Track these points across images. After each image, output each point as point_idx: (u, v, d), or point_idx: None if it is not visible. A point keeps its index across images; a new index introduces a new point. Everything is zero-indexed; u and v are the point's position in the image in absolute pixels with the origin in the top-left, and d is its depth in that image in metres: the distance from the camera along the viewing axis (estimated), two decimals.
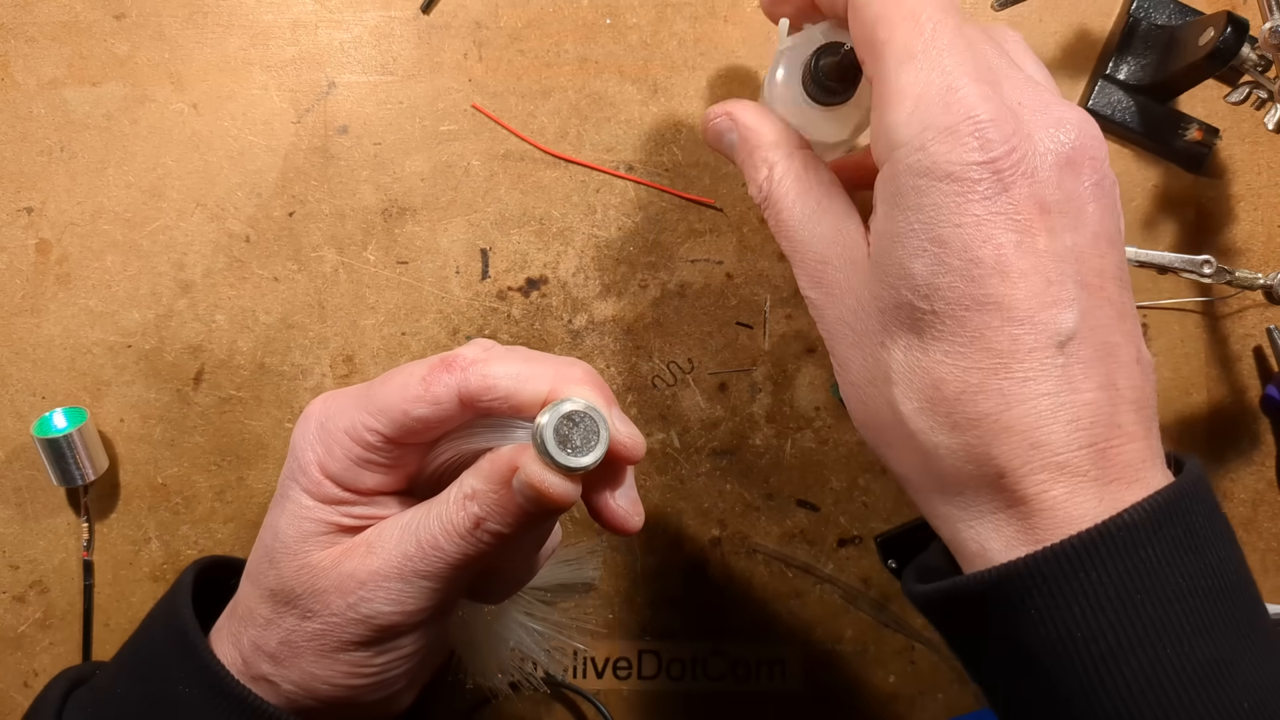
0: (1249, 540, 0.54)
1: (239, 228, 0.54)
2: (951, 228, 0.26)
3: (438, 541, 0.31)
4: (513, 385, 0.31)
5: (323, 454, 0.32)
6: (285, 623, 0.32)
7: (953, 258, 0.26)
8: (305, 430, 0.33)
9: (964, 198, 0.26)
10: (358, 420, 0.32)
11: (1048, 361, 0.26)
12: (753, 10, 0.55)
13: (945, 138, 0.26)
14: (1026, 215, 0.26)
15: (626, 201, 0.54)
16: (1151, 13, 0.54)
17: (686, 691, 0.54)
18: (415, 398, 0.31)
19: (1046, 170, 0.27)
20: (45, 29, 0.54)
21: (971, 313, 0.26)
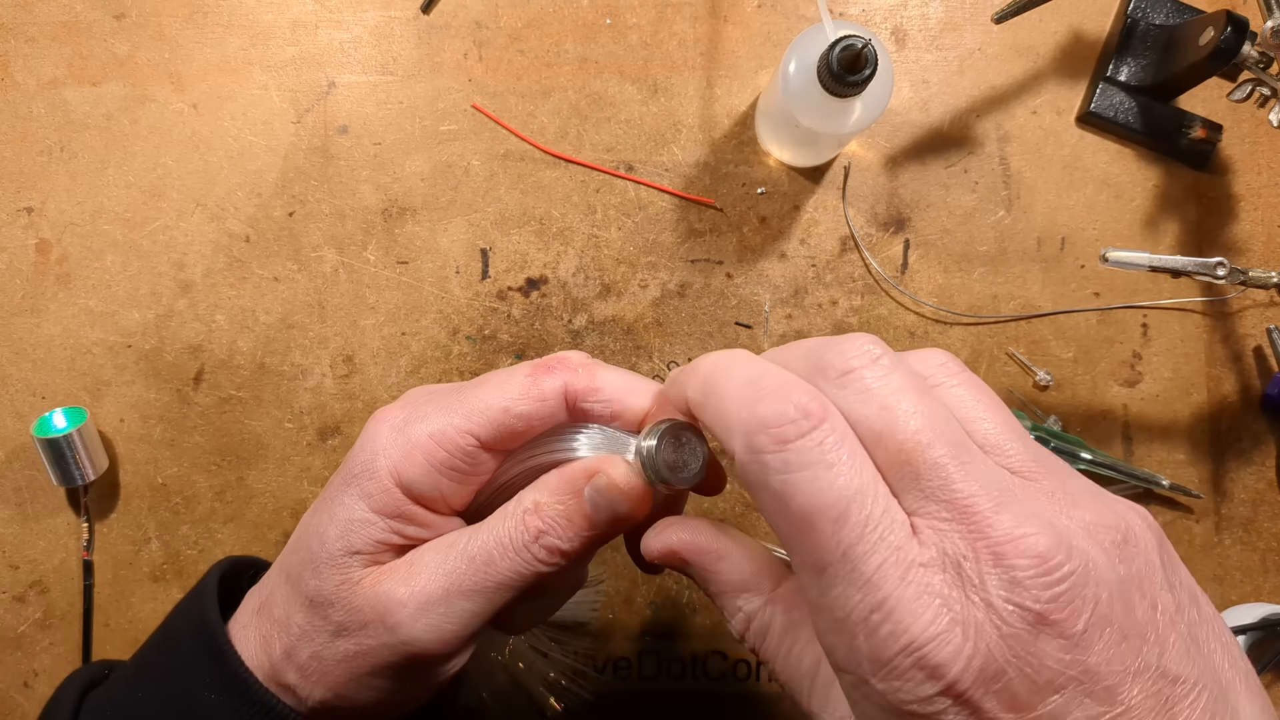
0: (1249, 540, 0.54)
1: (239, 228, 0.54)
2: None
3: (490, 557, 0.30)
4: (623, 395, 0.30)
5: (398, 460, 0.31)
6: (319, 636, 0.31)
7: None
8: (377, 437, 0.31)
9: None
10: (448, 424, 0.30)
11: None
12: (753, 10, 0.55)
13: (887, 675, 0.21)
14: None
15: (626, 201, 0.54)
16: (1149, 13, 0.54)
17: (686, 691, 0.53)
18: (519, 395, 0.30)
19: (1025, 664, 0.20)
20: (45, 29, 0.54)
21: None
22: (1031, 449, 0.24)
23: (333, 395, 0.54)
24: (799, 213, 0.54)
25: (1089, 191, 0.55)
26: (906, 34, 0.55)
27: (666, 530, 0.29)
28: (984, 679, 0.21)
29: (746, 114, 0.55)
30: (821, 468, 0.23)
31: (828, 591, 0.23)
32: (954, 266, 0.54)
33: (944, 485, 0.22)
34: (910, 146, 0.55)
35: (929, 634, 0.21)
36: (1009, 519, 0.21)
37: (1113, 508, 0.23)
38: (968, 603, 0.21)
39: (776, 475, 0.23)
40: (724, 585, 0.28)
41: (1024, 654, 0.20)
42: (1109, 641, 0.21)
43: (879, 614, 0.21)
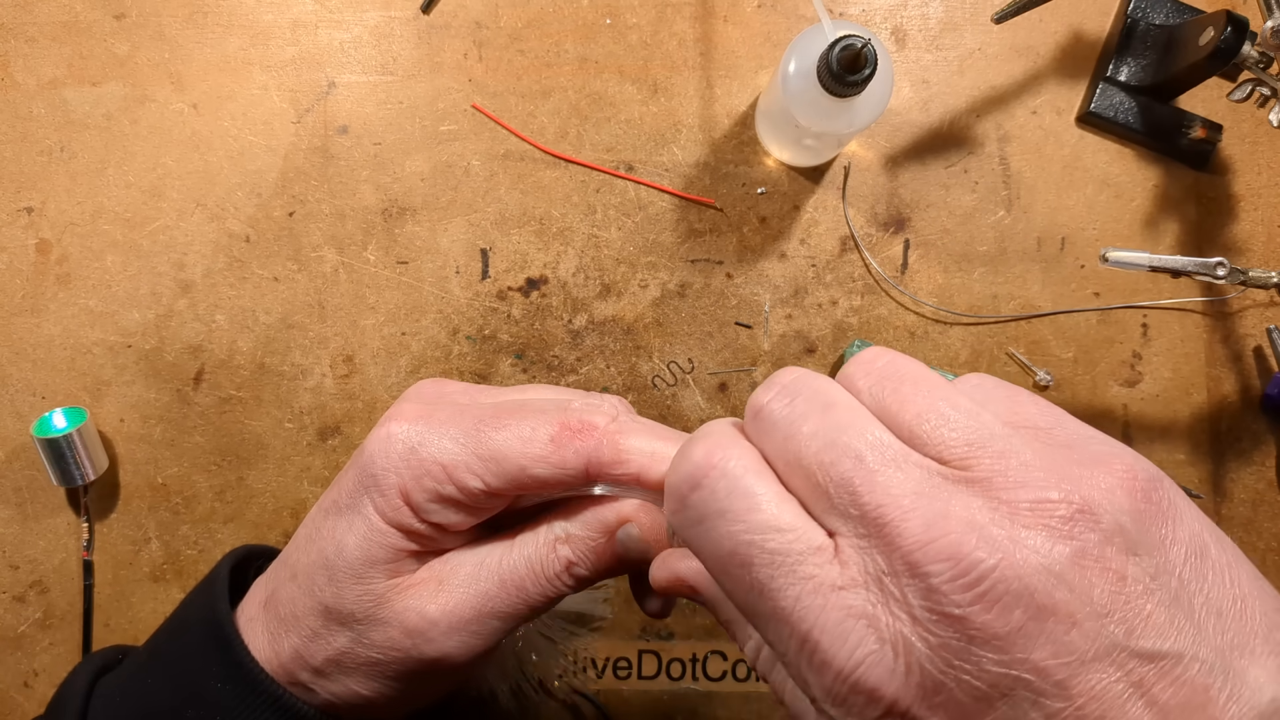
0: (1249, 540, 0.54)
1: (239, 228, 0.54)
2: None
3: (523, 583, 0.30)
4: (646, 463, 0.30)
5: (408, 481, 0.30)
6: (337, 642, 0.31)
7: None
8: (389, 448, 0.30)
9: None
10: (461, 461, 0.29)
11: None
12: (753, 10, 0.55)
13: (834, 702, 0.21)
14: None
15: (626, 201, 0.54)
16: (1149, 13, 0.54)
17: (686, 691, 0.53)
18: (539, 458, 0.29)
19: (961, 673, 0.19)
20: (45, 29, 0.54)
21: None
22: (966, 426, 0.22)
23: (333, 395, 0.54)
24: (799, 213, 0.54)
25: (1089, 191, 0.55)
26: (906, 34, 0.55)
27: (673, 560, 0.28)
28: (924, 694, 0.20)
29: (746, 114, 0.55)
30: (716, 516, 0.22)
31: (764, 631, 0.22)
32: (954, 266, 0.54)
33: (853, 500, 0.21)
34: (910, 146, 0.55)
35: (857, 658, 0.20)
36: (918, 523, 0.20)
37: (1065, 475, 0.20)
38: (893, 619, 0.20)
39: (688, 531, 0.23)
40: (734, 613, 0.26)
41: (958, 663, 0.19)
42: (1053, 632, 0.19)
43: (808, 645, 0.21)
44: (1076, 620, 0.19)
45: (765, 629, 0.22)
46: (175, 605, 0.53)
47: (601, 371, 0.54)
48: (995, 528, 0.19)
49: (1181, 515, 0.21)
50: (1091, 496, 0.20)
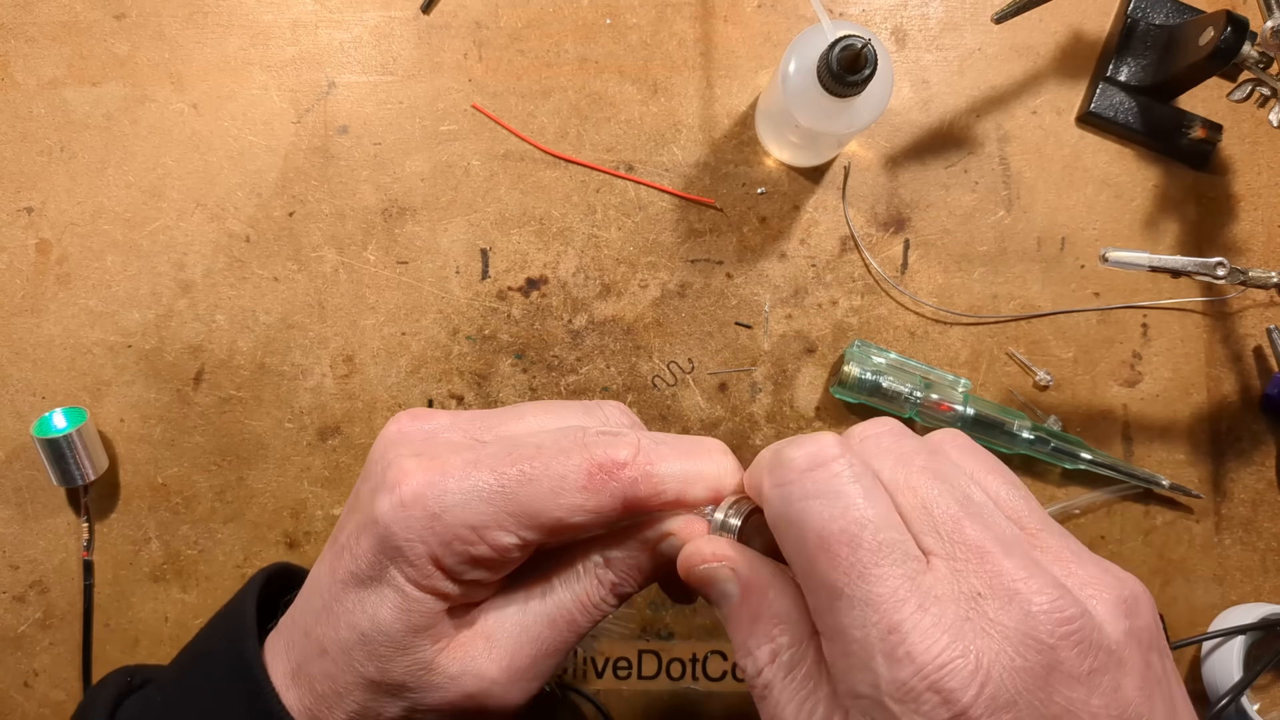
0: (1249, 540, 0.54)
1: (239, 228, 0.54)
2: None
3: (572, 617, 0.30)
4: (680, 488, 0.29)
5: (437, 548, 0.28)
6: (391, 711, 0.30)
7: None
8: (408, 517, 0.28)
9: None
10: (492, 520, 0.28)
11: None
12: (753, 10, 0.55)
13: (901, 697, 0.22)
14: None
15: (626, 201, 0.54)
16: (1149, 13, 0.54)
17: (686, 691, 0.54)
18: (575, 507, 0.28)
19: (1034, 696, 0.22)
20: (45, 29, 0.54)
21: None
22: (1037, 513, 0.26)
23: (333, 395, 0.54)
24: (799, 213, 0.54)
25: (1089, 191, 0.55)
26: (906, 34, 0.55)
27: (710, 546, 0.28)
28: (995, 708, 0.21)
29: (746, 114, 0.55)
30: (834, 496, 0.24)
31: (845, 614, 0.23)
32: (954, 266, 0.54)
33: (957, 529, 0.24)
34: (910, 146, 0.55)
35: (943, 660, 0.21)
36: (1018, 563, 0.23)
37: (1111, 570, 0.25)
38: (984, 635, 0.22)
39: (795, 503, 0.25)
40: (768, 608, 0.27)
41: (1034, 687, 0.21)
42: (1109, 688, 0.22)
43: (895, 636, 0.22)
44: (1121, 686, 0.22)
45: (844, 613, 0.23)
46: (175, 605, 0.53)
47: (601, 371, 0.54)
48: (1078, 589, 0.23)
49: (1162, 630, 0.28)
50: (1135, 591, 0.24)
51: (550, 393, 0.54)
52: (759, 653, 0.27)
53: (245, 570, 0.54)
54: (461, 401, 0.54)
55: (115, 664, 0.53)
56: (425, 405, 0.54)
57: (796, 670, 0.26)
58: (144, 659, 0.53)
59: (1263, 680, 0.53)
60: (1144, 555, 0.54)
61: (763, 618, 0.27)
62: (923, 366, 0.53)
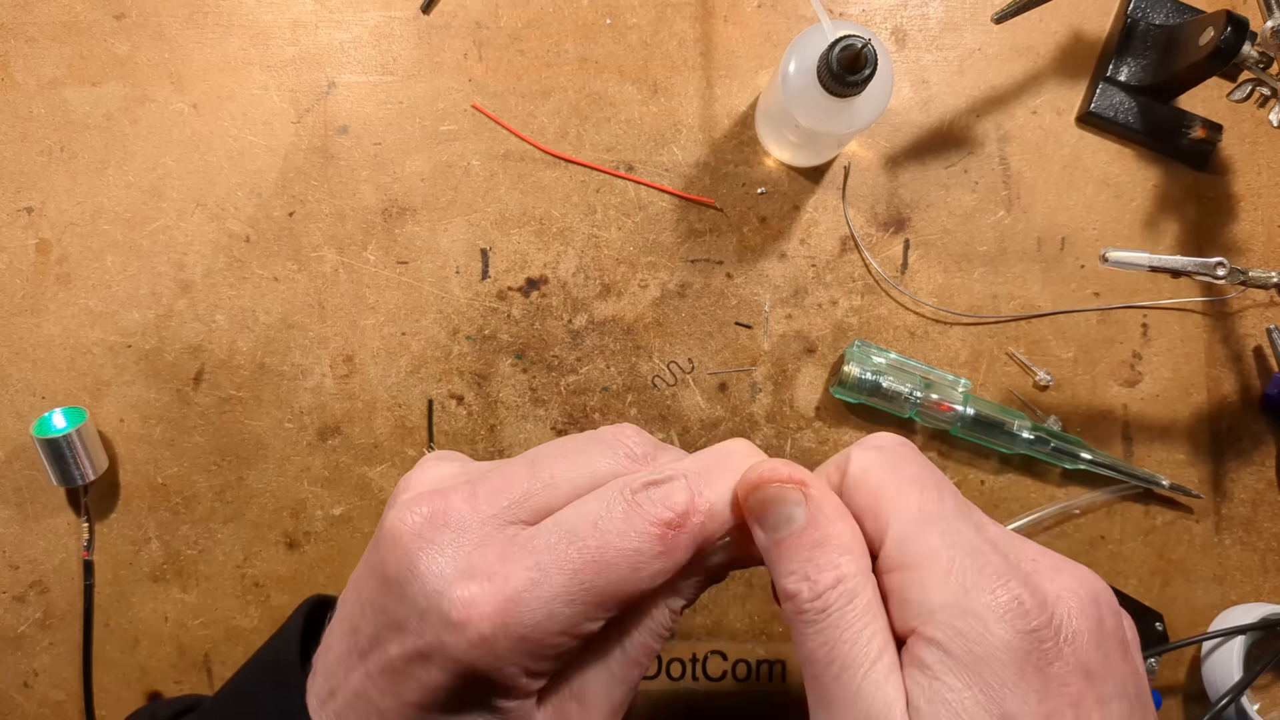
0: (1249, 540, 0.54)
1: (239, 228, 0.54)
2: (1017, 701, 0.24)
3: (650, 649, 0.30)
4: (727, 509, 0.29)
5: (528, 663, 0.27)
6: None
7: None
8: (493, 650, 0.26)
9: (1020, 671, 0.24)
10: (580, 616, 0.27)
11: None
12: (752, 10, 0.55)
13: (990, 607, 0.25)
14: (1077, 687, 0.25)
15: (626, 201, 0.54)
16: (1149, 13, 0.54)
17: (686, 691, 0.53)
18: (657, 573, 0.28)
19: (1084, 637, 0.25)
20: (45, 29, 0.54)
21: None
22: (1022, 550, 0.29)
23: (333, 395, 0.54)
24: (799, 213, 0.54)
25: (1089, 191, 0.55)
26: (906, 34, 0.55)
27: (787, 467, 0.28)
28: (1061, 634, 0.25)
29: (746, 114, 0.55)
30: (915, 453, 0.31)
31: (938, 536, 0.27)
32: (954, 266, 0.54)
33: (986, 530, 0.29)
34: (910, 146, 0.55)
35: (1020, 586, 0.25)
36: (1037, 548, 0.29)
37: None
38: (1052, 579, 0.27)
39: (898, 463, 0.30)
40: (836, 538, 0.27)
41: (1087, 638, 0.26)
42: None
43: (982, 559, 0.26)
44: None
45: (937, 535, 0.27)
46: (175, 605, 0.53)
47: (601, 371, 0.54)
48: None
49: None
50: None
51: (550, 393, 0.54)
52: (822, 577, 0.26)
53: (245, 570, 0.54)
54: (461, 401, 0.54)
55: (115, 664, 0.53)
56: (425, 405, 0.54)
57: (858, 600, 0.26)
58: (144, 659, 0.53)
59: (1263, 680, 0.53)
60: (1144, 555, 0.54)
61: (830, 544, 0.27)
62: (923, 366, 0.53)
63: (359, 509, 0.54)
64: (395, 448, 0.54)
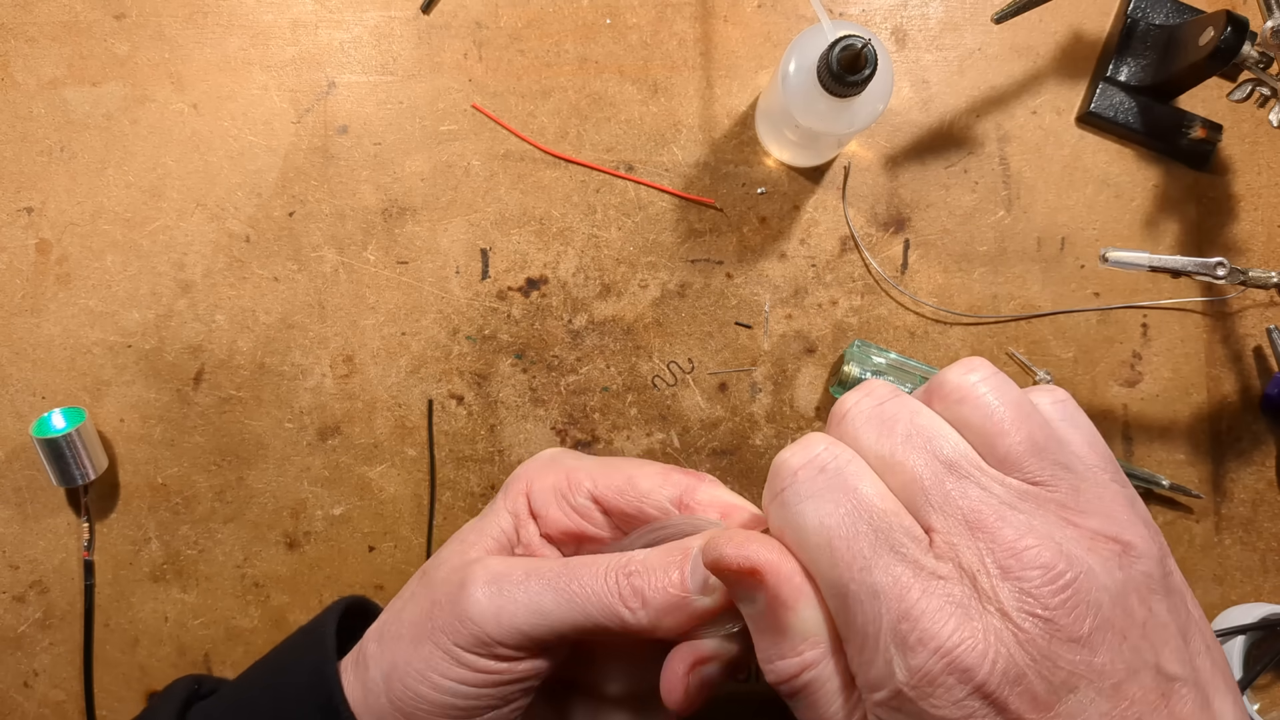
0: (1249, 540, 0.54)
1: (239, 228, 0.54)
2: None
3: (582, 572, 0.30)
4: (728, 508, 0.32)
5: (534, 475, 0.35)
6: (415, 597, 0.32)
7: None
8: (536, 459, 0.36)
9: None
10: (583, 466, 0.34)
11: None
12: (752, 11, 0.55)
13: (919, 683, 0.22)
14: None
15: (626, 201, 0.54)
16: (1149, 13, 0.54)
17: None
18: (646, 474, 0.33)
19: (1041, 665, 0.22)
20: (45, 29, 0.54)
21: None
22: (1049, 458, 0.25)
23: (333, 395, 0.54)
24: (799, 213, 0.54)
25: (1089, 191, 0.55)
26: (906, 34, 0.55)
27: (750, 543, 0.27)
28: (1008, 680, 0.22)
29: (746, 114, 0.55)
30: (823, 493, 0.24)
31: (856, 610, 0.23)
32: (954, 266, 0.54)
33: (947, 501, 0.24)
34: (910, 146, 0.55)
35: (956, 639, 0.22)
36: (1011, 532, 0.23)
37: (1116, 517, 0.24)
38: (985, 612, 0.22)
39: (791, 509, 0.25)
40: (793, 627, 0.26)
41: (1039, 656, 0.22)
42: (1112, 643, 0.22)
43: (906, 623, 0.22)
44: (1126, 637, 0.22)
45: (855, 610, 0.23)
46: (175, 605, 0.53)
47: (601, 371, 0.54)
48: (1073, 546, 0.23)
49: (1176, 570, 0.26)
50: (1134, 540, 0.24)
51: (550, 393, 0.54)
52: (787, 665, 0.26)
53: (245, 570, 0.54)
54: (461, 401, 0.54)
55: (115, 664, 0.53)
56: (425, 405, 0.54)
57: (827, 685, 0.25)
58: (144, 659, 0.53)
59: (1263, 680, 0.53)
60: None
61: (791, 633, 0.26)
62: (923, 366, 0.53)
63: (359, 509, 0.54)
64: (395, 448, 0.54)
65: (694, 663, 0.30)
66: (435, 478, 0.54)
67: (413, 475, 0.54)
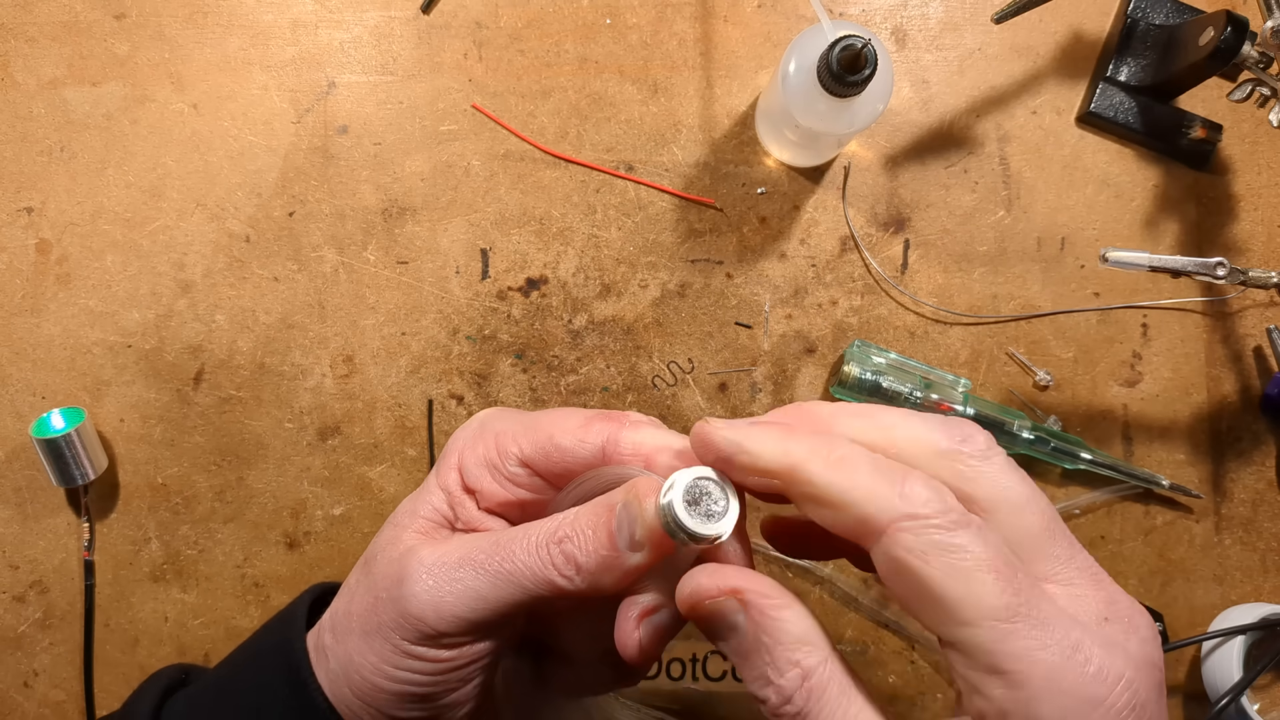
0: (1249, 540, 0.54)
1: (239, 228, 0.54)
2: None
3: (513, 547, 0.30)
4: (652, 449, 0.31)
5: (464, 446, 0.33)
6: (358, 590, 0.32)
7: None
8: (466, 427, 0.34)
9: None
10: (508, 431, 0.33)
11: None
12: (752, 11, 0.55)
13: (1098, 712, 0.23)
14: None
15: (626, 201, 0.54)
16: (1149, 13, 0.54)
17: (686, 691, 0.53)
18: (566, 430, 0.32)
19: (1157, 703, 0.24)
20: (45, 29, 0.54)
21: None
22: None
23: (333, 395, 0.54)
24: (799, 213, 0.54)
25: (1089, 191, 0.55)
26: (906, 34, 0.55)
27: (723, 572, 0.27)
28: (1141, 716, 0.24)
29: (746, 114, 0.55)
30: (974, 531, 0.25)
31: (1012, 641, 0.23)
32: (954, 266, 0.54)
33: (1070, 555, 0.26)
34: (910, 146, 0.55)
35: (1118, 672, 0.23)
36: (1119, 590, 0.26)
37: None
38: (1126, 655, 0.24)
39: (938, 555, 0.24)
40: (784, 636, 0.26)
41: (1154, 701, 0.24)
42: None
43: (1081, 654, 0.23)
44: None
45: (1024, 636, 0.24)
46: (175, 605, 0.53)
47: (601, 371, 0.54)
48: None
49: None
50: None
51: (550, 393, 0.54)
52: (786, 681, 0.25)
53: (245, 570, 0.54)
54: (461, 401, 0.54)
55: (115, 664, 0.53)
56: (425, 405, 0.54)
57: (830, 689, 0.25)
58: (144, 659, 0.53)
59: (1263, 680, 0.53)
60: (1144, 555, 0.54)
61: (782, 643, 0.25)
62: (923, 366, 0.53)
63: (359, 509, 0.54)
64: (395, 448, 0.54)
65: (640, 615, 0.30)
66: None
67: (413, 475, 0.54)
